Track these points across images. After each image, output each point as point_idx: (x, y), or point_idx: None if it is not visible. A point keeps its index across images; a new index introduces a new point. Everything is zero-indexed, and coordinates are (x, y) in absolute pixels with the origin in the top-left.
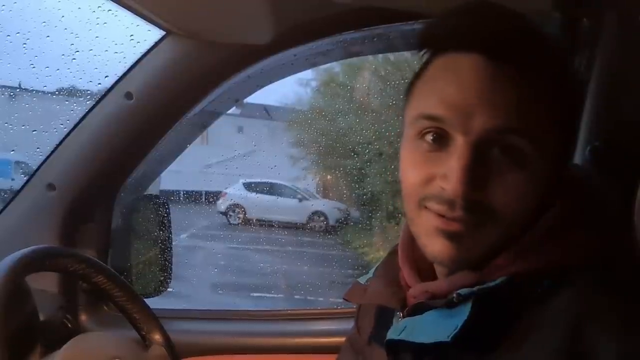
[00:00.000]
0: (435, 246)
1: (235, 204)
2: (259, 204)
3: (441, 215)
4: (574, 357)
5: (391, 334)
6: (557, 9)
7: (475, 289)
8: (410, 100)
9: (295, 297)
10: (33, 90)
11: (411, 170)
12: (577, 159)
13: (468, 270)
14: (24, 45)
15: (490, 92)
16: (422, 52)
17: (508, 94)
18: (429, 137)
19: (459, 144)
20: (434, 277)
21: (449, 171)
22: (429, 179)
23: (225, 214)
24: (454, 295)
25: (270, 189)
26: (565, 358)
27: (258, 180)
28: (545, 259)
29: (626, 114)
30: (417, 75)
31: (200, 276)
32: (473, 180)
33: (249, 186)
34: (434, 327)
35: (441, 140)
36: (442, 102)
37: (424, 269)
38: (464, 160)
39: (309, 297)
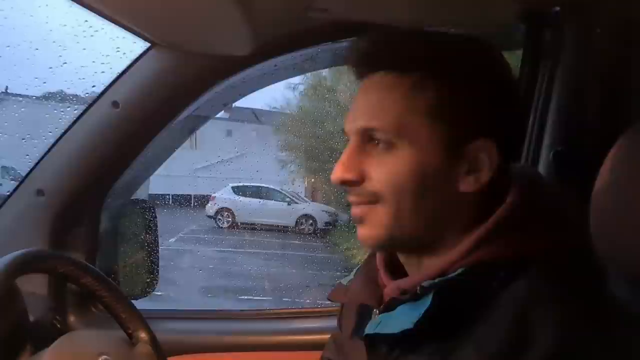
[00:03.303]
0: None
1: (223, 207)
2: (248, 208)
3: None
4: (517, 340)
5: (368, 329)
6: (521, 21)
7: (436, 280)
8: None
9: (284, 299)
10: (21, 99)
11: None
12: (542, 163)
13: (430, 265)
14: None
15: (361, 100)
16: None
17: (371, 100)
18: None
19: None
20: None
21: None
22: None
23: (214, 217)
24: (418, 287)
25: (259, 192)
26: (511, 341)
27: (247, 183)
28: (498, 251)
29: (587, 120)
30: None
31: (188, 280)
32: (348, 168)
33: (237, 190)
34: (402, 319)
35: None
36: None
37: (399, 269)
38: (344, 154)
39: (297, 300)
